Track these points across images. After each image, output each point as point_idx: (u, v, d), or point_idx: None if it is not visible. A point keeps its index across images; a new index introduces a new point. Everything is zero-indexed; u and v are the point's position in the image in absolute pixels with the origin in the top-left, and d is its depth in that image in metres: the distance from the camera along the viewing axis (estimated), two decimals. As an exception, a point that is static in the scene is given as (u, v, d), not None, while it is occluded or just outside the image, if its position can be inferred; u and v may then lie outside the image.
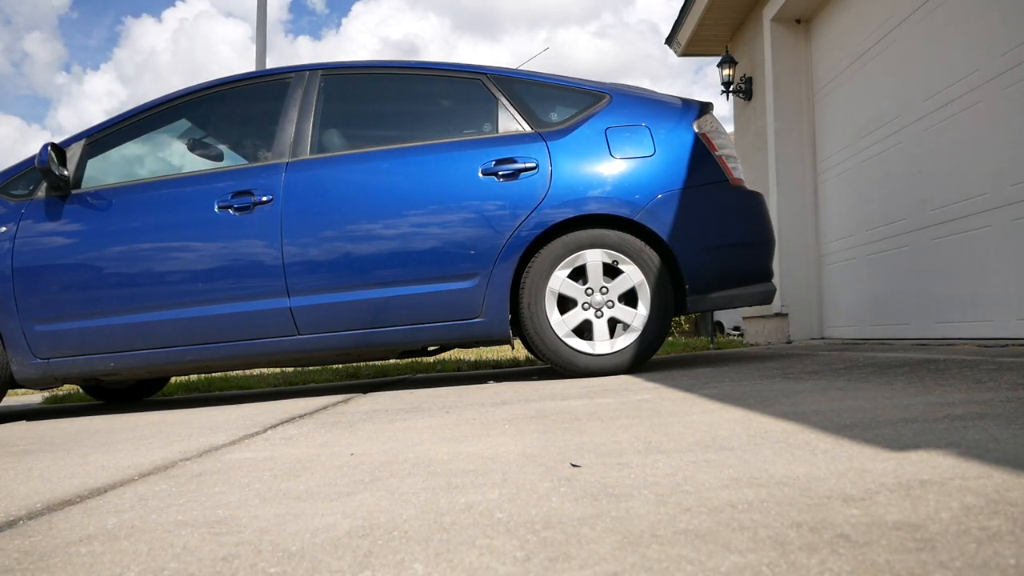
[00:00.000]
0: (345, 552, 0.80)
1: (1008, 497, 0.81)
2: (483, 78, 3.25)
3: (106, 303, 3.07)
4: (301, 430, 1.98)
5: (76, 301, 3.08)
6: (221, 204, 3.07)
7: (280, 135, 3.18)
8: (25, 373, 3.10)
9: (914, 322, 4.38)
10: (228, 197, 3.08)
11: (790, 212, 5.72)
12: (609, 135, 3.10)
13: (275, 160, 3.15)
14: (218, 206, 3.07)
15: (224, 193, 3.09)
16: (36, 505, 1.19)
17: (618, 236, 3.01)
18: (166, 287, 3.07)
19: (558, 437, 1.48)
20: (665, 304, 3.01)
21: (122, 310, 3.07)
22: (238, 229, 3.07)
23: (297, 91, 3.25)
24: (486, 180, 3.05)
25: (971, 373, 2.14)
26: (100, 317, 3.07)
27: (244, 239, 3.06)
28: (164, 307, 3.06)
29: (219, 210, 3.07)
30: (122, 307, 3.07)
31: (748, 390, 2.11)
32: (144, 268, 3.08)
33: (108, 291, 3.08)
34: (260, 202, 3.06)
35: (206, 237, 3.08)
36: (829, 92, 5.46)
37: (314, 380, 5.00)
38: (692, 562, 0.68)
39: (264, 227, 3.05)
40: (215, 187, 3.12)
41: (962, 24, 3.87)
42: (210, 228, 3.07)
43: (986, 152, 3.69)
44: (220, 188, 3.11)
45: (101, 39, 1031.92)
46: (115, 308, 3.07)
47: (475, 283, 3.00)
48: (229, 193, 3.09)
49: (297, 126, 3.18)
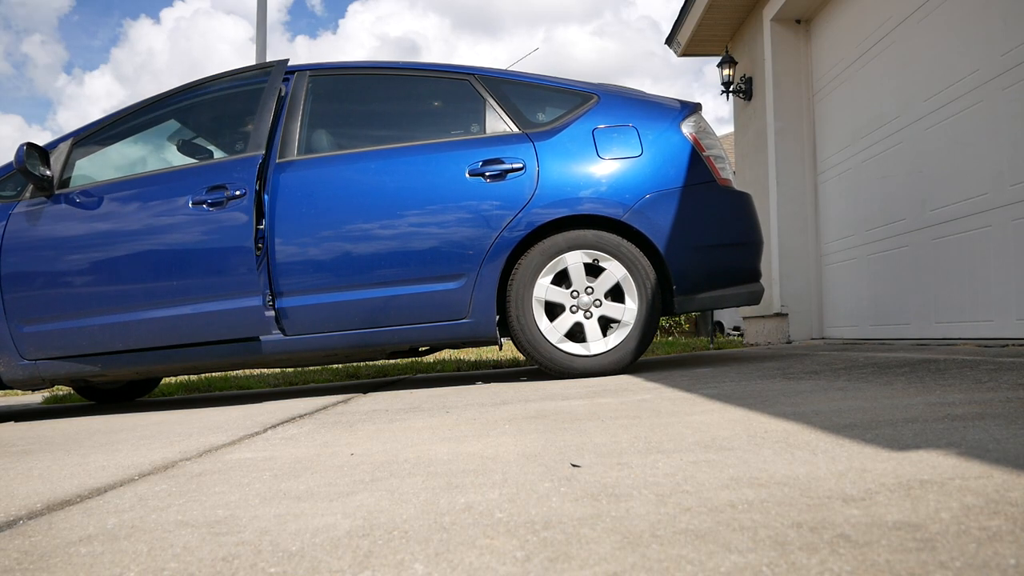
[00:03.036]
0: (345, 552, 0.80)
1: (1008, 497, 0.81)
2: (471, 79, 3.25)
3: (90, 303, 3.03)
4: (301, 430, 1.98)
5: (61, 301, 3.05)
6: (196, 200, 3.01)
7: (269, 135, 3.16)
8: (12, 375, 3.08)
9: (914, 322, 4.38)
10: (203, 192, 3.02)
11: (790, 212, 5.72)
12: (597, 136, 3.10)
13: (251, 154, 3.07)
14: (192, 202, 3.01)
15: (200, 189, 3.03)
16: (36, 505, 1.19)
17: (594, 235, 3.01)
18: (146, 285, 3.01)
19: (558, 437, 1.48)
20: (652, 293, 3.01)
21: (106, 310, 3.02)
22: (216, 225, 2.99)
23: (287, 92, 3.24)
24: (473, 181, 3.04)
25: (971, 373, 2.14)
26: (85, 317, 3.03)
27: (222, 236, 2.98)
28: (146, 306, 3.01)
29: (193, 206, 3.01)
30: (105, 307, 3.02)
31: (748, 390, 2.11)
32: (123, 267, 3.04)
33: (91, 290, 3.04)
34: (234, 196, 2.99)
35: (185, 234, 3.02)
36: (829, 92, 5.46)
37: (314, 380, 5.00)
38: (692, 562, 0.68)
39: (242, 225, 2.98)
40: (193, 183, 3.06)
41: (962, 24, 3.87)
42: (189, 225, 3.02)
43: (986, 152, 3.69)
44: (198, 183, 3.04)
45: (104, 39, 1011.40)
46: (98, 308, 3.02)
47: (462, 284, 2.99)
48: (204, 188, 3.02)
49: (285, 127, 3.17)
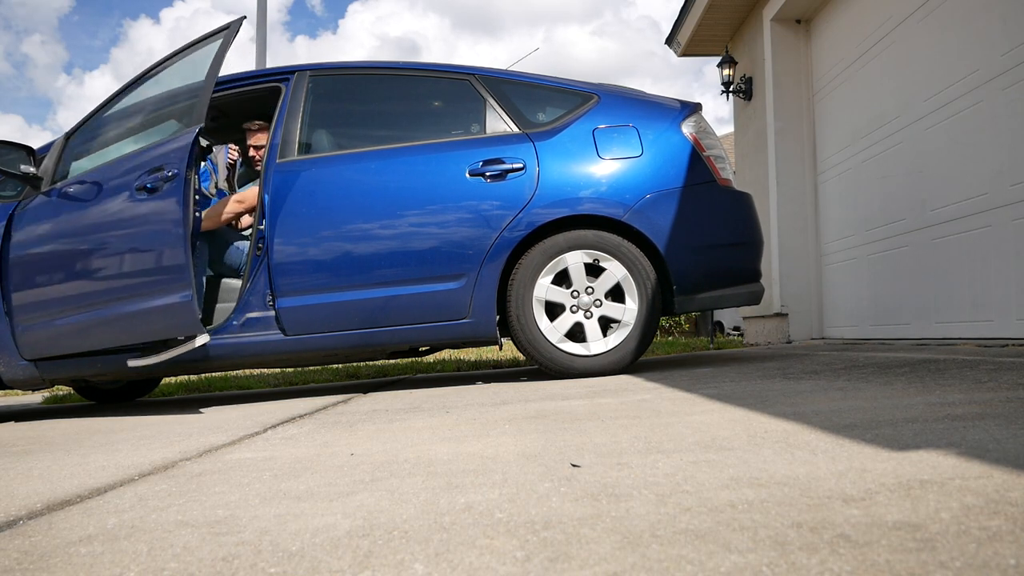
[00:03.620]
0: (345, 552, 0.80)
1: (1008, 497, 0.81)
2: (471, 79, 3.24)
3: (81, 300, 2.93)
4: (301, 430, 1.98)
5: (56, 299, 2.99)
6: (137, 186, 2.87)
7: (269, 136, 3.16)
8: (13, 375, 3.06)
9: (914, 322, 4.38)
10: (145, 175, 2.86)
11: (790, 212, 5.72)
12: (597, 136, 3.10)
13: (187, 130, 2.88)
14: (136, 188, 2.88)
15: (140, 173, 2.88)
16: (36, 505, 1.19)
17: (595, 235, 3.01)
18: (128, 279, 2.89)
19: (558, 437, 1.48)
20: (653, 293, 3.00)
21: (92, 306, 2.90)
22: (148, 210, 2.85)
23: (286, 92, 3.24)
24: (473, 181, 3.04)
25: (971, 373, 2.14)
26: (78, 314, 2.92)
27: (153, 224, 2.83)
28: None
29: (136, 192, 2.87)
30: (94, 303, 2.91)
31: (748, 390, 2.11)
32: (100, 262, 2.94)
33: (81, 287, 2.95)
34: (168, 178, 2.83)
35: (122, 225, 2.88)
36: (829, 92, 5.46)
37: (314, 380, 5.00)
38: (692, 562, 0.68)
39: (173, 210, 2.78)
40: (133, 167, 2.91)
41: (962, 24, 3.87)
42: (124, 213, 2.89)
43: (986, 152, 3.69)
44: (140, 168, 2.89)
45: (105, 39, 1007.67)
46: (88, 304, 2.91)
47: (462, 284, 2.99)
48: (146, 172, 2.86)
49: (285, 127, 3.16)
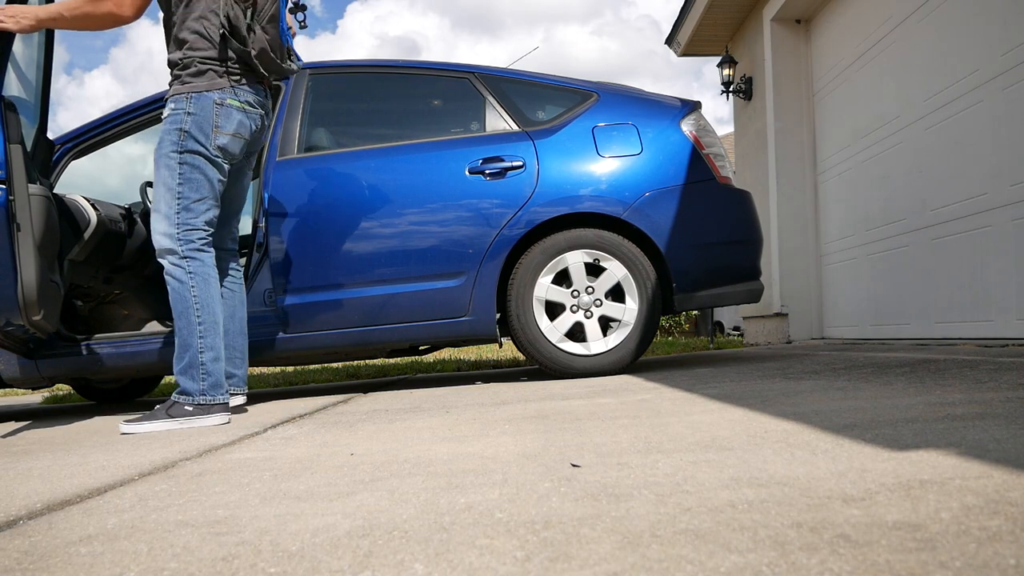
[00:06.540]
0: (345, 552, 0.80)
1: (1008, 497, 0.81)
2: (471, 77, 3.25)
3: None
4: (301, 430, 1.98)
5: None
6: None
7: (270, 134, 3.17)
8: (12, 373, 3.06)
9: (914, 322, 4.38)
10: None
11: (790, 212, 5.72)
12: (596, 134, 3.10)
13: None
14: None
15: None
16: (36, 505, 1.19)
17: (595, 234, 3.01)
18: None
19: (558, 437, 1.48)
20: (653, 293, 3.01)
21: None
22: None
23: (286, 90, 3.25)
24: (473, 179, 3.05)
25: (971, 373, 2.14)
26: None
27: None
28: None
29: None
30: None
31: (748, 390, 2.11)
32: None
33: None
34: None
35: None
36: (829, 92, 5.46)
37: (314, 380, 5.00)
38: (692, 562, 0.68)
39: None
40: None
41: (962, 24, 3.87)
42: None
43: (986, 152, 3.69)
44: None
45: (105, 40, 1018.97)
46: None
47: (462, 282, 2.99)
48: None
49: (285, 125, 3.17)
